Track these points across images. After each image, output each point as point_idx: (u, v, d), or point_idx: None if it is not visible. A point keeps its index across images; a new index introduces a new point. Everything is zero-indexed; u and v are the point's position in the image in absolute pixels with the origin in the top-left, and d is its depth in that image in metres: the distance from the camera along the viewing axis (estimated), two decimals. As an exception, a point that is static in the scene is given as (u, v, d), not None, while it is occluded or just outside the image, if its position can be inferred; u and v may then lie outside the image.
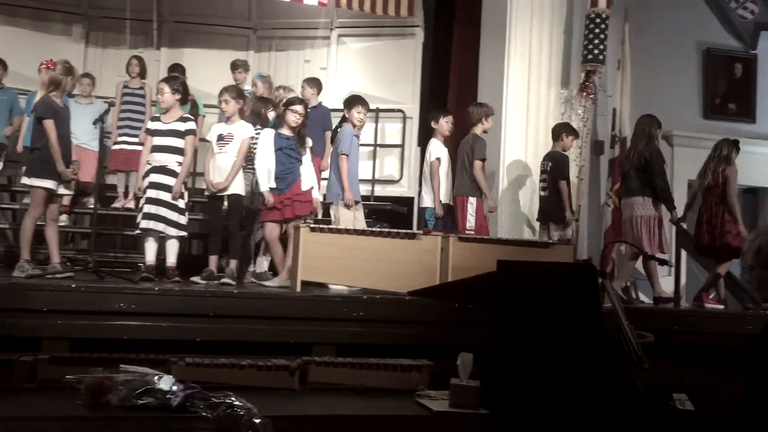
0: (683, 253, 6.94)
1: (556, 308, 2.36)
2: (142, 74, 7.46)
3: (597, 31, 7.05)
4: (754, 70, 8.30)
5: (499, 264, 2.51)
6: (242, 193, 5.65)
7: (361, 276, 4.93)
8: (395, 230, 5.20)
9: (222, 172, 5.54)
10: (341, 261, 4.87)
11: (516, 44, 7.25)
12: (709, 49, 8.20)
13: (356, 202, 5.81)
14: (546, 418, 2.26)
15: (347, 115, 6.02)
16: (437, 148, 6.47)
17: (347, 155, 5.78)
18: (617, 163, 7.28)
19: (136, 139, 7.01)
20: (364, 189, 7.80)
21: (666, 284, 6.64)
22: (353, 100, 6.08)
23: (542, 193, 6.70)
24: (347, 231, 5.01)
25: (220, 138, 5.64)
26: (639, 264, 6.56)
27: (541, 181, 6.76)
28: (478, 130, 6.47)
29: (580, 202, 7.09)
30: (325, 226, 5.06)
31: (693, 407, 2.89)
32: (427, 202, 6.48)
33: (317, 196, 5.92)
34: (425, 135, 8.08)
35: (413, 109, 8.16)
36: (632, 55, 7.54)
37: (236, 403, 2.76)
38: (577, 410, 2.25)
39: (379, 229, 5.32)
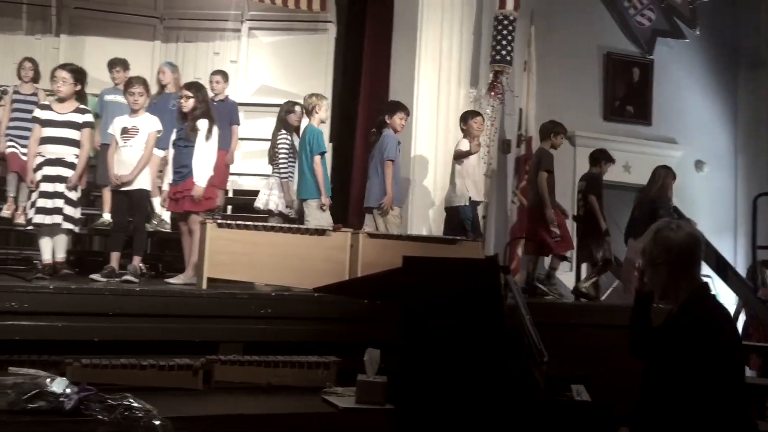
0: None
1: (459, 303, 2.40)
2: (36, 78, 6.71)
3: (505, 32, 7.23)
4: (651, 74, 8.71)
5: (404, 260, 2.53)
6: (148, 188, 5.46)
7: (270, 273, 4.87)
8: (304, 226, 5.16)
9: (127, 166, 5.33)
10: (249, 257, 4.80)
11: (427, 43, 7.33)
12: (609, 53, 8.55)
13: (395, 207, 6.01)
14: (448, 411, 2.29)
15: (388, 121, 6.19)
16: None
17: (393, 161, 5.96)
18: (523, 162, 7.50)
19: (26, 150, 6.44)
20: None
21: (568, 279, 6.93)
22: (395, 106, 6.29)
23: (579, 213, 6.84)
24: (255, 227, 4.93)
25: (125, 131, 5.43)
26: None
27: (578, 200, 6.92)
28: (546, 145, 6.61)
29: (487, 199, 7.27)
30: (233, 222, 4.95)
31: (589, 398, 2.98)
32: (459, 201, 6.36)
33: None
34: (337, 130, 8.09)
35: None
36: (538, 57, 7.76)
37: (134, 404, 2.66)
38: (478, 403, 2.30)
39: (288, 225, 5.27)
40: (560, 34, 8.18)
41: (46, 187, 4.98)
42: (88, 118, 5.20)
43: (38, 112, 5.23)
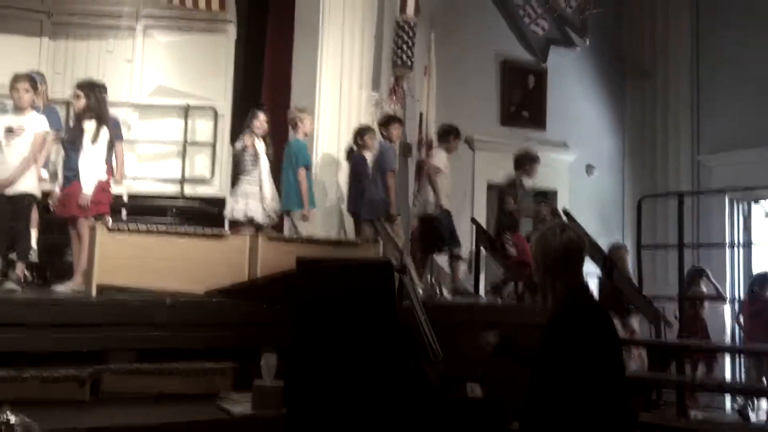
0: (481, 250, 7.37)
1: (353, 304, 2.40)
2: None
3: (405, 37, 7.34)
4: (545, 82, 9.03)
5: (297, 262, 2.51)
6: (33, 192, 5.18)
7: (165, 278, 4.71)
8: (200, 230, 5.03)
9: (9, 168, 5.04)
10: (142, 262, 4.63)
11: (329, 45, 7.33)
12: (505, 60, 8.81)
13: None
14: (340, 413, 2.29)
15: (385, 133, 6.52)
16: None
17: (394, 170, 6.32)
18: (423, 166, 7.60)
19: None
20: (173, 189, 7.53)
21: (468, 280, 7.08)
22: (390, 120, 6.63)
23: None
24: (148, 231, 4.77)
25: (9, 130, 5.13)
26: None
27: None
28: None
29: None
30: (125, 226, 4.77)
31: (482, 395, 3.05)
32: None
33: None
34: (237, 133, 7.94)
35: (225, 106, 7.95)
36: (438, 62, 7.90)
37: (12, 419, 2.51)
38: (371, 403, 2.30)
39: (183, 229, 5.12)
40: (459, 41, 8.36)
41: None
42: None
43: None
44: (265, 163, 6.17)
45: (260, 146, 6.22)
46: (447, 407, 2.37)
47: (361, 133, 6.65)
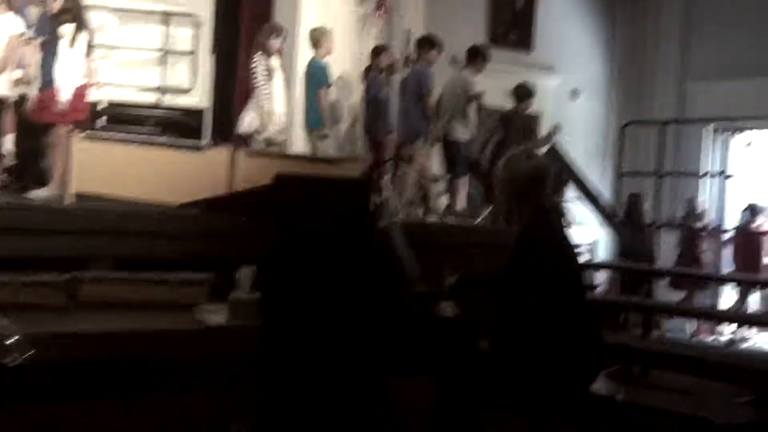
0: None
1: (329, 221, 2.42)
2: None
3: (392, -51, 7.10)
4: (535, 2, 8.84)
5: (276, 177, 2.51)
6: (6, 94, 5.06)
7: (143, 188, 4.69)
8: (179, 142, 4.98)
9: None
10: (119, 172, 4.60)
11: (312, -43, 7.09)
12: (496, -23, 8.59)
13: None
14: (314, 327, 2.34)
15: (424, 56, 6.51)
16: None
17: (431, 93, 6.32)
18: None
19: None
20: (152, 97, 7.38)
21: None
22: (425, 42, 6.58)
23: None
24: (125, 141, 4.71)
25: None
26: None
27: None
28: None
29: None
30: (101, 135, 4.71)
31: (454, 314, 3.12)
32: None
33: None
34: (219, 42, 7.74)
35: (206, 14, 7.71)
36: (426, -23, 7.69)
37: (-11, 322, 2.54)
38: (344, 319, 2.35)
39: (163, 141, 5.06)
40: (449, -44, 8.12)
41: None
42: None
43: None
44: (278, 80, 6.20)
45: (275, 62, 6.21)
46: (417, 326, 2.43)
47: (377, 52, 6.54)
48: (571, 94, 9.28)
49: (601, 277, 8.20)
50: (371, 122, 6.51)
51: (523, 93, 7.15)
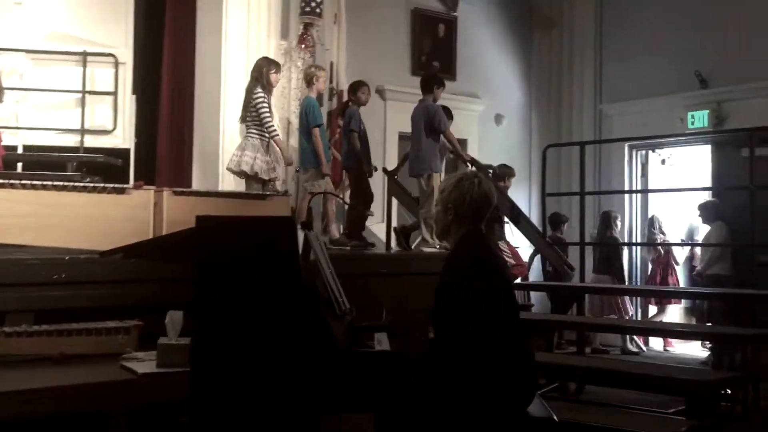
0: (394, 201, 7.44)
1: (254, 261, 2.39)
2: None
3: (313, -16, 7.18)
4: (455, 31, 9.06)
5: (198, 219, 2.47)
6: None
7: (63, 235, 4.53)
8: (101, 185, 4.84)
9: None
10: (39, 220, 4.43)
11: (234, -9, 7.10)
12: (416, 8, 8.77)
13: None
14: (247, 371, 2.30)
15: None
16: None
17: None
18: (335, 116, 7.55)
19: None
20: (73, 139, 7.21)
21: (380, 230, 7.15)
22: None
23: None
24: (44, 186, 4.55)
25: None
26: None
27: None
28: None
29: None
30: (16, 181, 4.54)
31: (389, 346, 3.12)
32: None
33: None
34: (141, 82, 7.64)
35: (126, 54, 7.61)
36: (347, 10, 7.77)
37: None
38: (274, 360, 2.32)
39: (82, 184, 4.92)
40: (369, -12, 8.27)
41: None
42: None
43: None
44: (276, 119, 6.26)
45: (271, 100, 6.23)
46: (346, 361, 2.41)
47: (354, 89, 6.56)
48: (496, 119, 9.50)
49: (534, 298, 8.38)
50: (357, 155, 6.42)
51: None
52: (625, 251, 9.04)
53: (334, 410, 2.64)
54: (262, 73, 6.15)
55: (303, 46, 7.36)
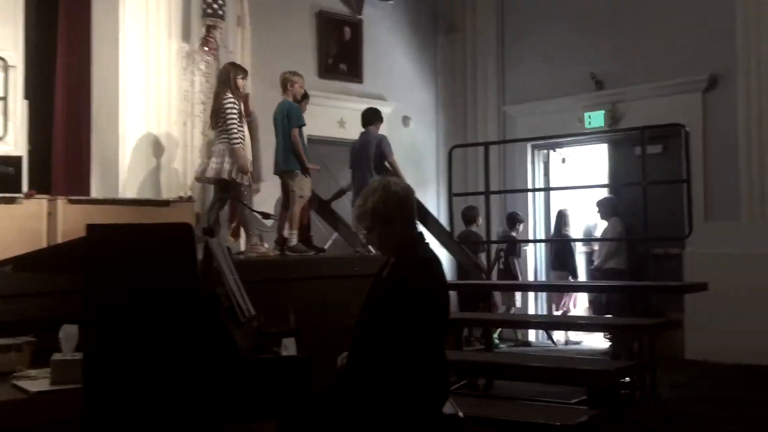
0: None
1: (150, 271, 2.32)
2: None
3: (215, -15, 7.06)
4: (361, 34, 9.10)
5: (88, 228, 2.38)
6: None
7: (-52, 249, 4.28)
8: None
9: None
10: None
11: (131, -8, 6.88)
12: (321, 11, 8.75)
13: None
14: (144, 383, 2.22)
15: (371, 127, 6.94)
16: None
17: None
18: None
19: None
20: (-41, 147, 6.79)
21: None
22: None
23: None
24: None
25: None
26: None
27: None
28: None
29: (205, 158, 7.13)
30: None
31: (295, 351, 3.09)
32: None
33: None
34: (32, 85, 7.29)
35: (16, 57, 7.23)
36: (251, 12, 7.68)
37: None
38: (172, 372, 2.26)
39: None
40: (273, -10, 8.19)
41: None
42: None
43: None
44: (244, 123, 6.15)
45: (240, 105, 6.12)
46: (249, 369, 2.38)
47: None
48: (403, 120, 9.60)
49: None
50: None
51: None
52: (531, 248, 9.31)
53: (238, 420, 2.59)
54: (230, 78, 6.10)
55: (206, 48, 7.22)
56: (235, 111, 5.97)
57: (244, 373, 2.38)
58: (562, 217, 8.76)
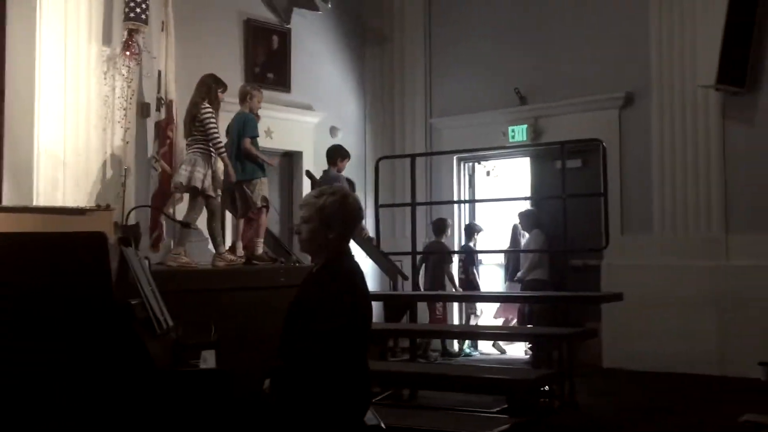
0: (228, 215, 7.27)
1: (56, 280, 2.23)
2: None
3: (138, -11, 6.90)
4: (289, 43, 9.05)
5: (-7, 238, 2.27)
6: None
7: None
8: None
9: None
10: None
11: (49, -5, 6.65)
12: (249, 19, 8.66)
13: None
14: (46, 398, 2.13)
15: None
16: None
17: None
18: (164, 126, 7.28)
19: None
20: None
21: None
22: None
23: None
24: None
25: None
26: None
27: None
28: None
29: (126, 165, 6.95)
30: None
31: (214, 363, 3.03)
32: None
33: None
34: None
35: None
36: (177, 18, 7.52)
37: None
38: (80, 385, 2.17)
39: None
40: (199, -4, 8.07)
41: None
42: None
43: None
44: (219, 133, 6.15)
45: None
46: (164, 382, 2.31)
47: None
48: (331, 131, 9.59)
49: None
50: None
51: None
52: (456, 259, 9.43)
53: (153, 435, 2.52)
54: (211, 89, 6.15)
55: (128, 53, 7.04)
56: (214, 121, 6.04)
57: (158, 386, 2.31)
58: (517, 230, 8.89)
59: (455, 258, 8.95)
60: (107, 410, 2.25)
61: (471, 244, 8.94)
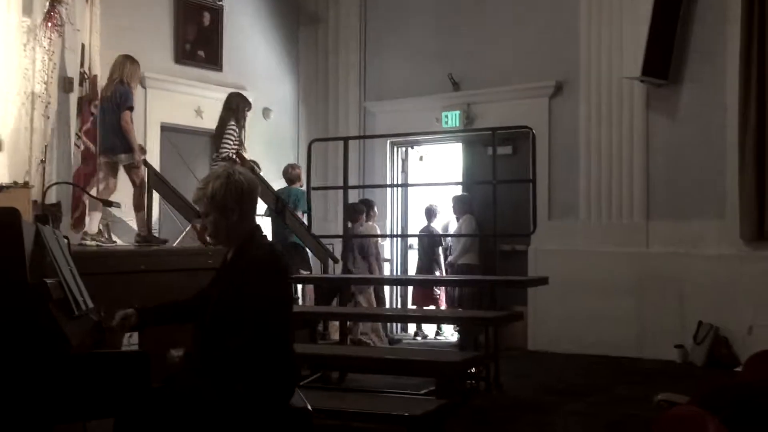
0: (155, 194, 7.09)
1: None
2: None
3: (61, -42, 6.61)
4: (221, 21, 8.86)
5: None
6: None
7: None
8: None
9: None
10: None
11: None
12: (180, -6, 8.43)
13: None
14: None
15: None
16: None
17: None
18: (87, 102, 7.03)
19: None
20: None
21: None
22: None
23: None
24: None
25: None
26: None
27: None
28: None
29: (47, 141, 6.68)
30: None
31: (137, 345, 2.96)
32: None
33: None
34: None
35: None
36: (103, -9, 7.26)
37: None
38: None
39: None
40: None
41: None
42: None
43: None
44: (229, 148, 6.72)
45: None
46: (81, 364, 2.24)
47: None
48: (263, 112, 9.45)
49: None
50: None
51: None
52: (387, 242, 9.47)
53: (69, 418, 2.44)
54: (238, 108, 6.82)
55: (49, 24, 6.74)
56: (232, 136, 6.72)
57: (74, 368, 2.24)
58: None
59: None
60: (18, 392, 2.17)
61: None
